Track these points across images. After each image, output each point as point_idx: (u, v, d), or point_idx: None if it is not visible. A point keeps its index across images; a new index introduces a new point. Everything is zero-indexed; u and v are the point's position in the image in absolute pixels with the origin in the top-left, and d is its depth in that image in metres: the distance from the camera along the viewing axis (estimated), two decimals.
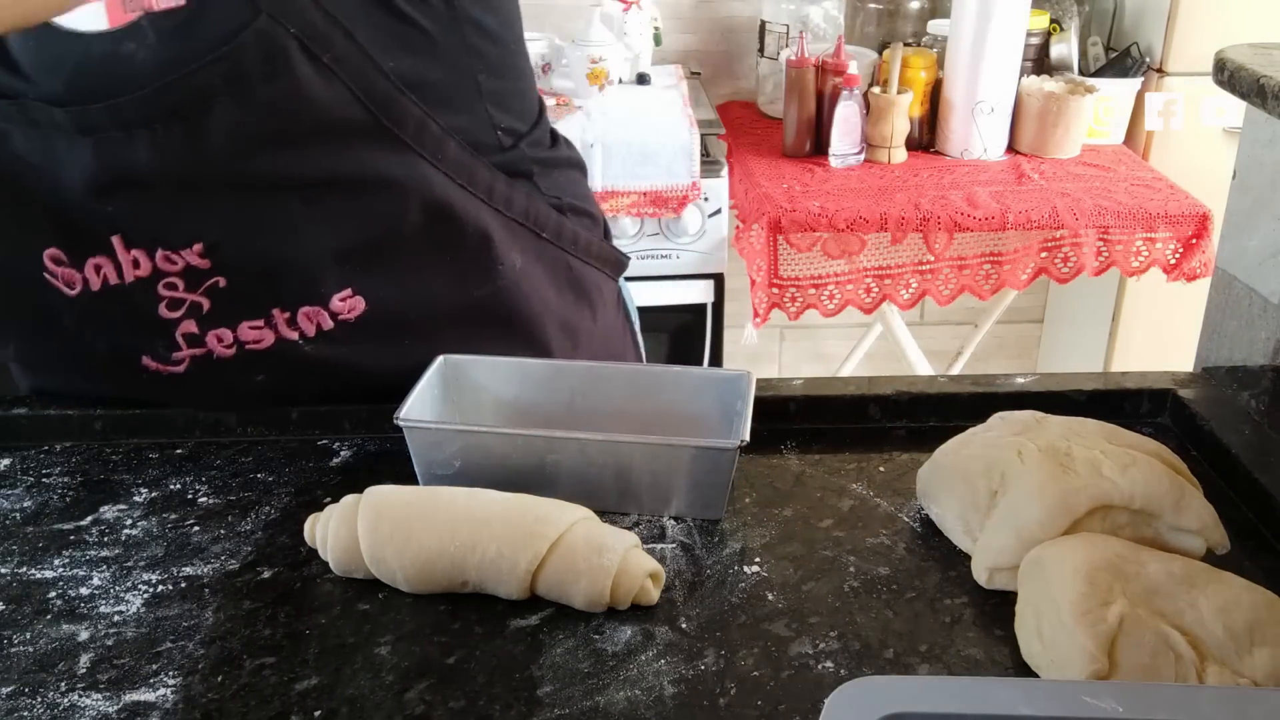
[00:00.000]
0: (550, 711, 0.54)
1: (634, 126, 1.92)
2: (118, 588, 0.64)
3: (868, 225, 1.83)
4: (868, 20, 2.26)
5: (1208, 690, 0.49)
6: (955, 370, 2.37)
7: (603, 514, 0.66)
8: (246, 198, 0.72)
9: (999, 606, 0.61)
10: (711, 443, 0.67)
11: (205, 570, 0.65)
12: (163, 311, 0.75)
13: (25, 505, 0.72)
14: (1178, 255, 1.88)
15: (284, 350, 0.77)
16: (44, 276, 0.75)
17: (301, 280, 0.75)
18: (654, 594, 0.61)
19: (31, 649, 0.59)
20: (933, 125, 2.08)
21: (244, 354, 0.76)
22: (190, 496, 0.72)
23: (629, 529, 0.66)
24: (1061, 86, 2.01)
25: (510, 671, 0.57)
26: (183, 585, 0.64)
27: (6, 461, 0.77)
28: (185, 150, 0.69)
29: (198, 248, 0.72)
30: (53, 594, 0.63)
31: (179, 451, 0.78)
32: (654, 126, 1.92)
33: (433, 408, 0.73)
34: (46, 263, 0.74)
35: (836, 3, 2.19)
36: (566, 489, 0.67)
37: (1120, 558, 0.57)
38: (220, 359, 0.77)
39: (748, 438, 0.66)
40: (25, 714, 0.54)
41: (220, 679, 0.57)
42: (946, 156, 2.06)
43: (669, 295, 2.02)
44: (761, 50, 2.24)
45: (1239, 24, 1.92)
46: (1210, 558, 0.62)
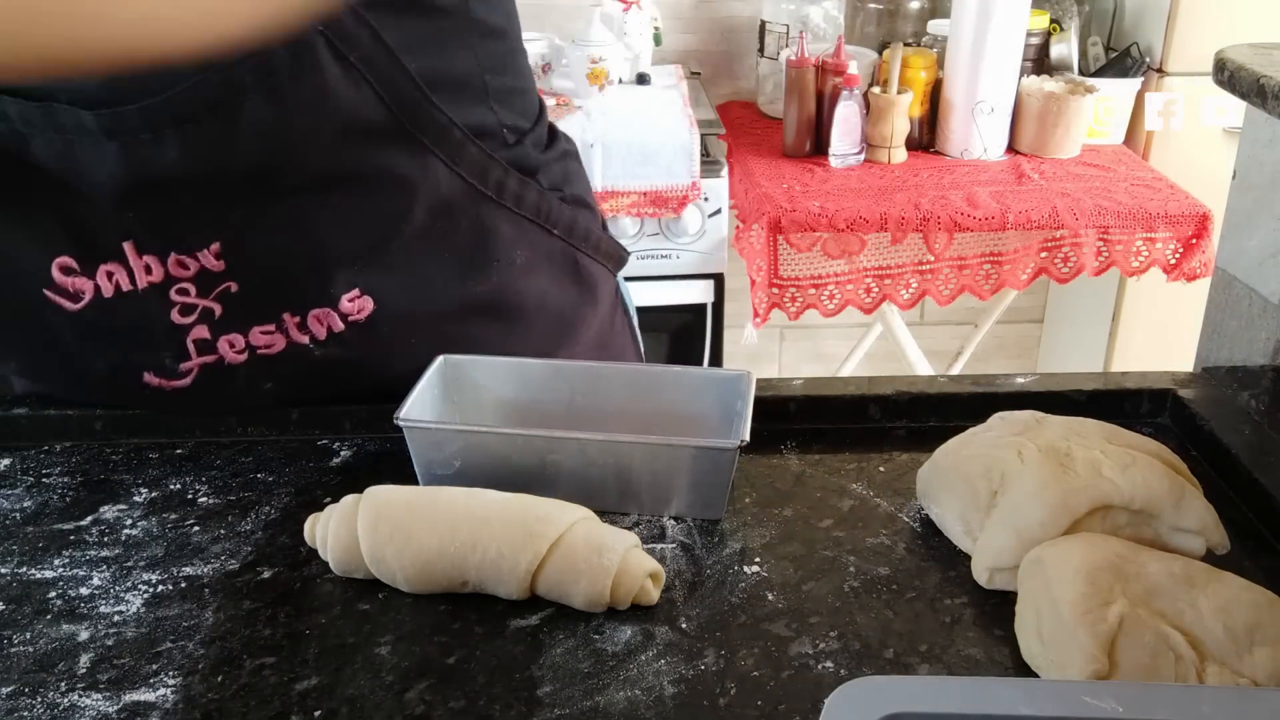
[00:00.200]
0: (550, 711, 0.54)
1: (634, 126, 1.92)
2: (118, 588, 0.64)
3: (868, 225, 1.83)
4: (868, 20, 2.26)
5: (1208, 690, 0.49)
6: (955, 370, 2.37)
7: (603, 514, 0.66)
8: (266, 197, 0.71)
9: (999, 606, 0.61)
10: (711, 443, 0.67)
11: (205, 570, 0.65)
12: (175, 317, 0.75)
13: (25, 505, 0.72)
14: (1178, 255, 1.88)
15: (295, 355, 0.77)
16: (44, 294, 0.74)
17: (312, 281, 0.75)
18: (654, 594, 0.61)
19: (31, 649, 0.59)
20: (933, 125, 2.08)
21: (255, 359, 0.76)
22: (190, 496, 0.72)
23: (629, 529, 0.66)
24: (1061, 86, 2.01)
25: (510, 671, 0.57)
26: (183, 585, 0.64)
27: (6, 461, 0.77)
28: (213, 150, 0.68)
29: (215, 248, 0.72)
30: (53, 594, 0.63)
31: (179, 451, 0.78)
32: (654, 126, 1.92)
33: (433, 408, 0.73)
34: (55, 273, 0.74)
35: (836, 3, 2.19)
36: (566, 489, 0.67)
37: (1120, 558, 0.57)
38: (231, 365, 0.77)
39: (748, 438, 0.66)
40: (25, 714, 0.54)
41: (220, 679, 0.57)
42: (946, 156, 2.06)
43: (669, 295, 2.02)
44: (761, 50, 2.24)
45: (1239, 24, 1.92)
46: (1210, 558, 0.62)
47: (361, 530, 0.62)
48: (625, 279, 0.98)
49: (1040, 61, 2.11)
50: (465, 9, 0.74)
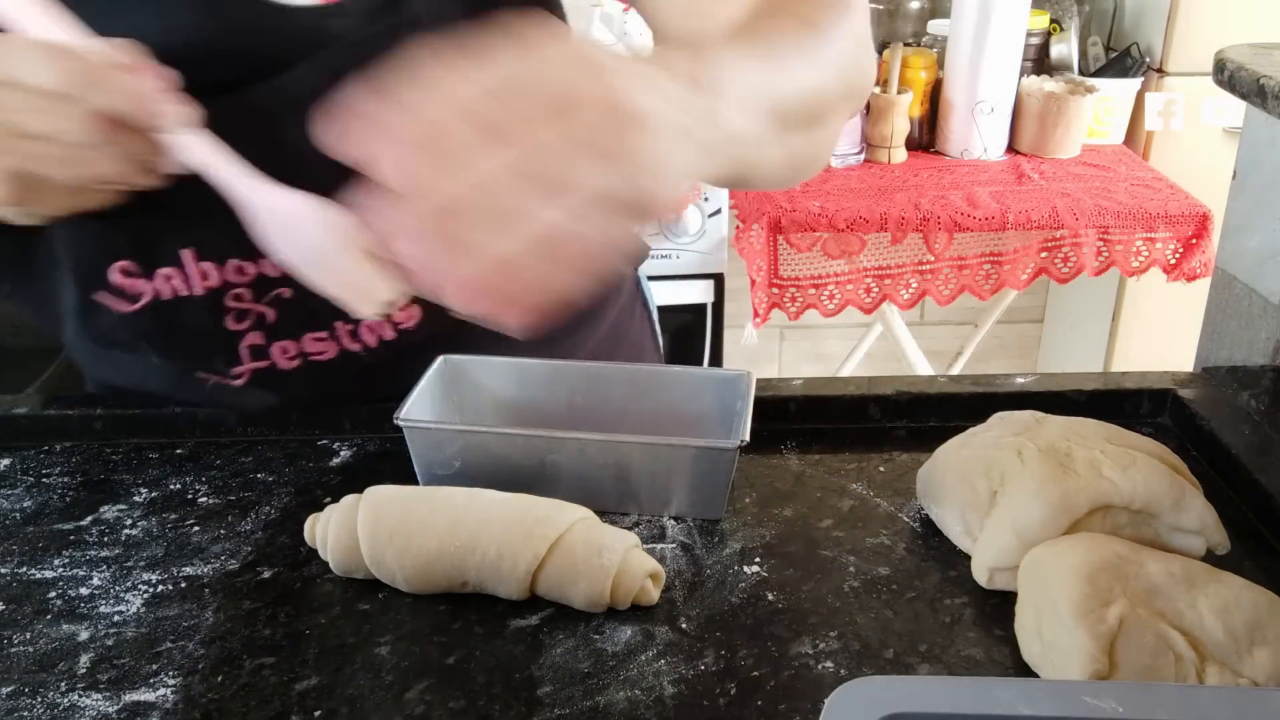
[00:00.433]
0: (550, 711, 0.54)
1: None
2: (118, 588, 0.64)
3: (868, 225, 1.83)
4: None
5: (1208, 690, 0.49)
6: (955, 370, 2.37)
7: (603, 514, 0.66)
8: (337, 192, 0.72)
9: (999, 606, 0.61)
10: (711, 443, 0.67)
11: (205, 570, 0.65)
12: (229, 323, 0.75)
13: (25, 505, 0.72)
14: (1178, 255, 1.88)
15: (346, 362, 0.77)
16: (97, 297, 0.74)
17: None
18: (654, 594, 0.61)
19: (31, 649, 0.59)
20: (933, 125, 2.08)
21: (307, 365, 0.77)
22: (190, 496, 0.72)
23: (629, 529, 0.66)
24: (1061, 86, 2.01)
25: (510, 671, 0.57)
26: (183, 585, 0.64)
27: (6, 461, 0.77)
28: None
29: None
30: (53, 594, 0.63)
31: (179, 451, 0.78)
32: None
33: (433, 408, 0.73)
34: (114, 276, 0.73)
35: None
36: (566, 489, 0.67)
37: (1120, 558, 0.57)
38: (283, 371, 0.77)
39: (748, 438, 0.66)
40: (25, 714, 0.54)
41: (220, 679, 0.57)
42: (946, 156, 2.06)
43: (669, 295, 2.02)
44: None
45: (1239, 24, 1.92)
46: (1210, 558, 0.62)
47: (361, 530, 0.62)
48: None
49: (1040, 61, 2.11)
50: None
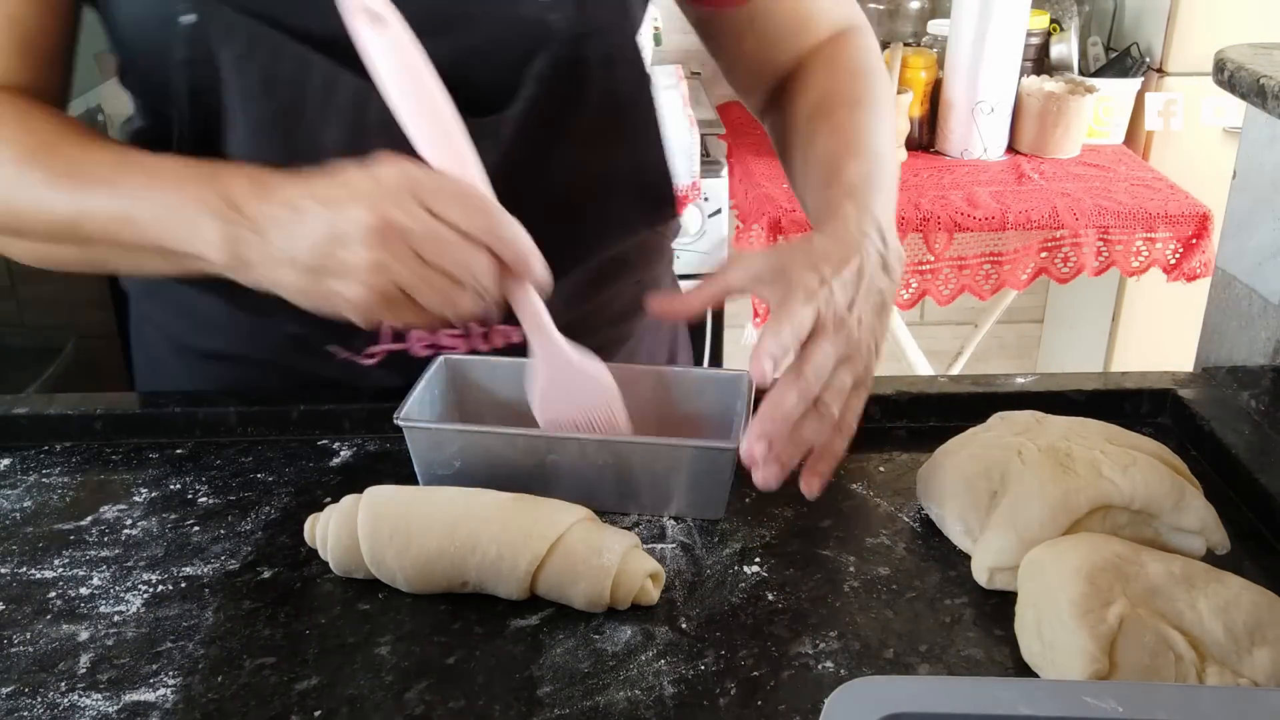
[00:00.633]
0: (550, 711, 0.54)
1: None
2: (118, 588, 0.64)
3: None
4: (868, 20, 2.26)
5: (1208, 690, 0.49)
6: (955, 370, 2.37)
7: (603, 514, 0.66)
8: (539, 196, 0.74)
9: (999, 606, 0.61)
10: (711, 443, 0.67)
11: (205, 570, 0.65)
12: None
13: (25, 505, 0.72)
14: (1178, 255, 1.88)
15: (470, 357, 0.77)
16: None
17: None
18: (654, 594, 0.61)
19: (31, 649, 0.59)
20: (933, 125, 2.08)
21: (436, 356, 0.77)
22: (190, 496, 0.72)
23: (629, 529, 0.66)
24: (1061, 86, 2.01)
25: (510, 671, 0.57)
26: (183, 585, 0.64)
27: (6, 461, 0.77)
28: (530, 141, 0.71)
29: None
30: (53, 594, 0.63)
31: (179, 451, 0.78)
32: None
33: (432, 408, 0.73)
34: None
35: None
36: (566, 489, 0.67)
37: (1120, 558, 0.57)
38: (413, 359, 0.77)
39: None
40: (25, 714, 0.54)
41: (220, 679, 0.57)
42: (946, 156, 2.06)
43: None
44: None
45: (1239, 24, 1.92)
46: (1210, 558, 0.62)
47: (361, 531, 0.62)
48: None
49: (1040, 61, 2.11)
50: None
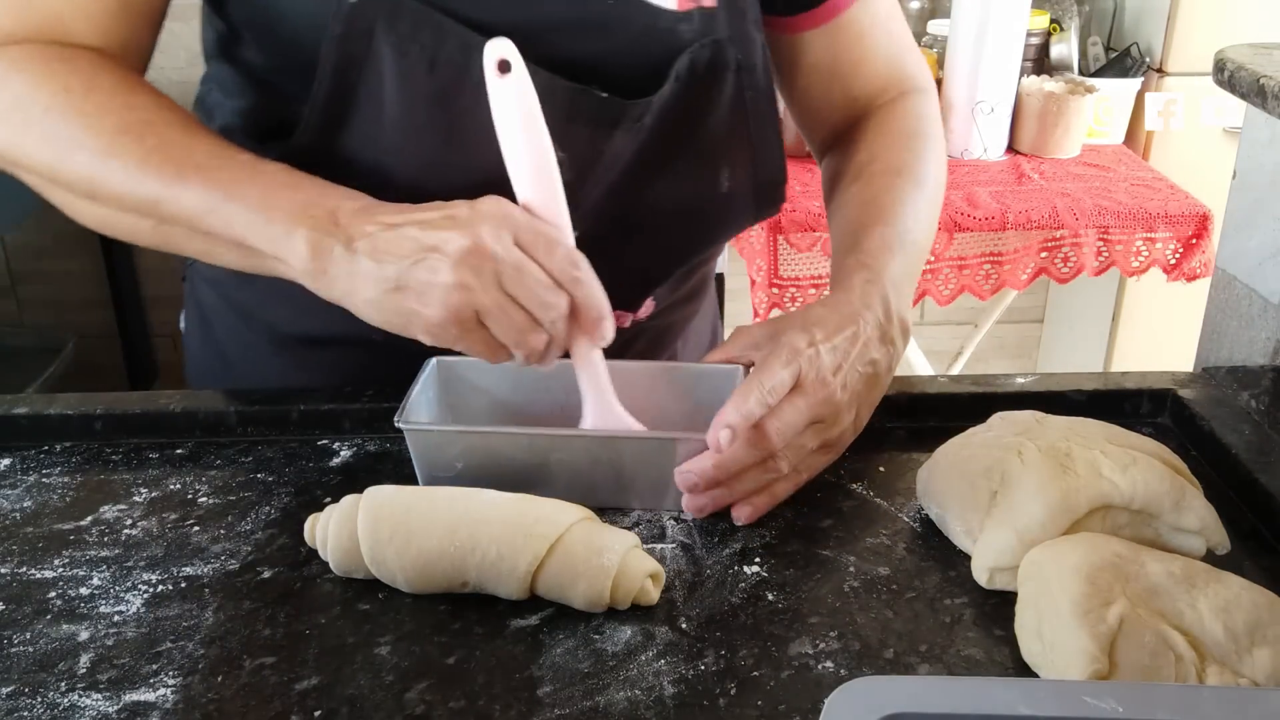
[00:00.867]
0: (550, 711, 0.54)
1: None
2: (118, 588, 0.64)
3: None
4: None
5: (1208, 690, 0.49)
6: (955, 370, 2.37)
7: (602, 511, 0.66)
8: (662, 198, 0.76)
9: (999, 606, 0.61)
10: (703, 435, 0.67)
11: (205, 570, 0.65)
12: None
13: (25, 505, 0.72)
14: (1178, 255, 1.88)
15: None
16: None
17: (635, 289, 0.75)
18: (654, 594, 0.61)
19: (31, 649, 0.59)
20: None
21: None
22: (190, 496, 0.72)
23: (629, 529, 0.66)
24: (1061, 86, 2.01)
25: (510, 671, 0.57)
26: (183, 585, 0.64)
27: (6, 461, 0.77)
28: (667, 132, 0.72)
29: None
30: (53, 594, 0.63)
31: (179, 451, 0.78)
32: None
33: (428, 410, 0.73)
34: None
35: None
36: (565, 487, 0.67)
37: (1120, 558, 0.57)
38: None
39: None
40: (25, 714, 0.54)
41: (220, 679, 0.57)
42: (947, 156, 2.06)
43: None
44: None
45: (1239, 24, 1.92)
46: (1210, 558, 0.62)
47: (361, 531, 0.62)
48: None
49: (1040, 61, 2.11)
50: None
